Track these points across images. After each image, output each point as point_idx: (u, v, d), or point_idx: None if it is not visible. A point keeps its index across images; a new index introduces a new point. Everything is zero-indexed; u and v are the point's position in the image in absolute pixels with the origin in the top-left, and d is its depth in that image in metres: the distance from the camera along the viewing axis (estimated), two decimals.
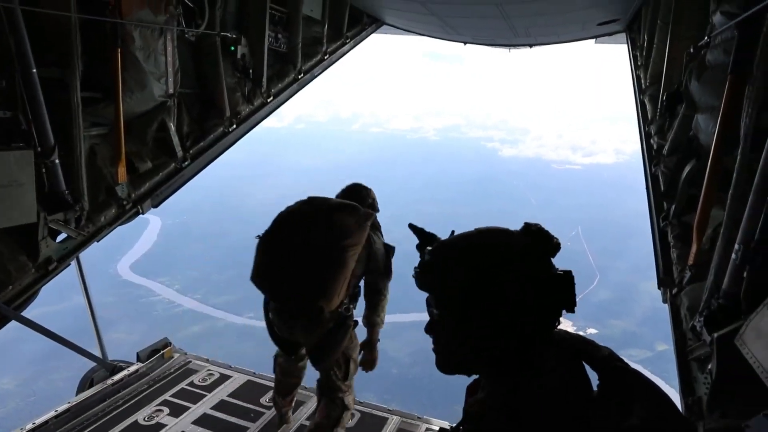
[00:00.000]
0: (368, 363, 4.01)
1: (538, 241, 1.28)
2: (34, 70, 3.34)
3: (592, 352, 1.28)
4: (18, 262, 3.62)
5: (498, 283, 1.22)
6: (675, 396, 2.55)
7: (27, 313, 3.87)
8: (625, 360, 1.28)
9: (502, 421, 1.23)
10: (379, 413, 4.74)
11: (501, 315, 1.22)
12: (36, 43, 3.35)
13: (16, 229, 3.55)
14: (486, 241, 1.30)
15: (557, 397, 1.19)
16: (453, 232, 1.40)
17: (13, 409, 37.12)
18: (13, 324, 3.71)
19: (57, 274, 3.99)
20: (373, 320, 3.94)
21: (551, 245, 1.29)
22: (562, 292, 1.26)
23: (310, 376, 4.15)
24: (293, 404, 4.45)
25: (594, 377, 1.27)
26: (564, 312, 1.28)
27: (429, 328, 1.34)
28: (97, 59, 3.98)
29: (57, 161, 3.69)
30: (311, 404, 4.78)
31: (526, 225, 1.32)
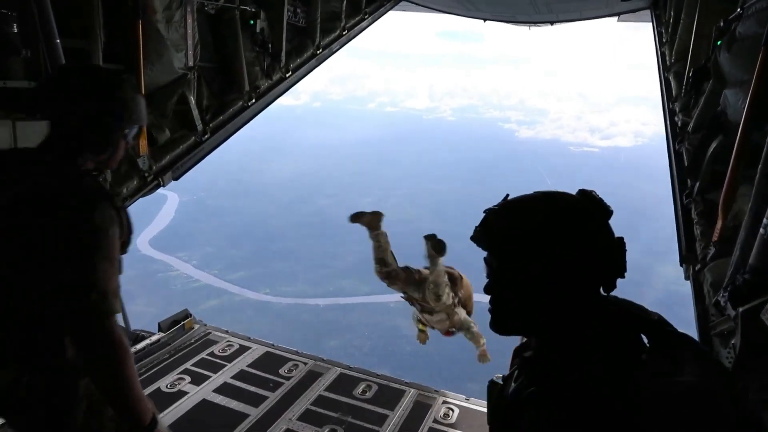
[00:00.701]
0: None
1: (594, 206, 1.30)
2: (58, 41, 3.36)
3: (643, 316, 1.30)
4: None
5: (560, 238, 1.25)
6: None
7: None
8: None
9: (555, 365, 1.25)
10: (397, 386, 4.81)
11: (561, 270, 1.25)
12: (59, 14, 3.37)
13: None
14: (549, 200, 1.33)
15: (609, 354, 1.20)
16: (507, 195, 1.40)
17: None
18: None
19: None
20: None
21: (607, 211, 1.31)
22: (618, 257, 1.28)
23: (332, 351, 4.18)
24: None
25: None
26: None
27: (487, 288, 1.37)
28: (119, 31, 4.00)
29: None
30: (330, 375, 4.87)
31: (582, 191, 1.34)
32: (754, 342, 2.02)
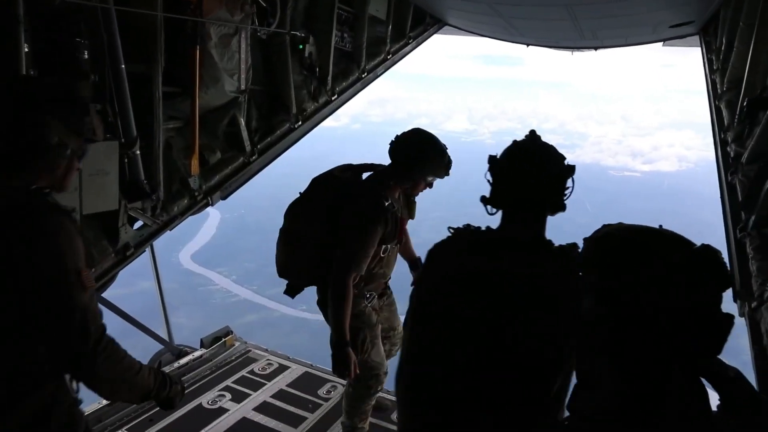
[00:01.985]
0: None
1: (707, 268, 1.17)
2: (123, 66, 3.55)
3: (718, 372, 1.21)
4: (101, 246, 3.86)
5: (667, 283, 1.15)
6: None
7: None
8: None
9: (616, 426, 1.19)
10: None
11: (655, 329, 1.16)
12: (125, 41, 3.57)
13: (100, 216, 3.79)
14: (666, 249, 1.22)
15: (678, 412, 1.15)
16: (661, 226, 1.33)
17: None
18: None
19: (133, 260, 4.22)
20: None
21: (724, 279, 1.18)
22: (716, 334, 1.16)
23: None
24: None
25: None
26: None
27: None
28: (177, 56, 4.18)
29: (138, 152, 3.92)
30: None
31: (704, 247, 1.21)
32: None
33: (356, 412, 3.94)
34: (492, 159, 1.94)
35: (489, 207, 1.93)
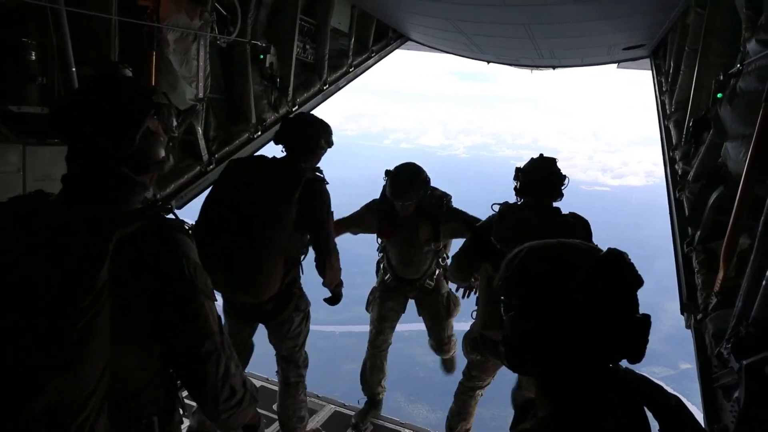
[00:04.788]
0: None
1: (616, 272, 1.18)
2: (74, 69, 3.43)
3: (659, 399, 1.21)
4: None
5: (575, 297, 1.15)
6: (700, 422, 2.52)
7: None
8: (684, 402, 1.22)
9: None
10: (391, 425, 4.72)
11: (572, 326, 1.15)
12: (77, 43, 3.45)
13: None
14: (568, 258, 1.22)
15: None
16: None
17: None
18: None
19: None
20: None
21: (634, 280, 1.18)
22: (633, 337, 1.17)
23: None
24: None
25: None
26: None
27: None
28: (133, 61, 4.07)
29: None
30: (324, 413, 4.79)
31: (610, 251, 1.23)
32: (757, 396, 2.01)
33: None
34: (518, 169, 3.74)
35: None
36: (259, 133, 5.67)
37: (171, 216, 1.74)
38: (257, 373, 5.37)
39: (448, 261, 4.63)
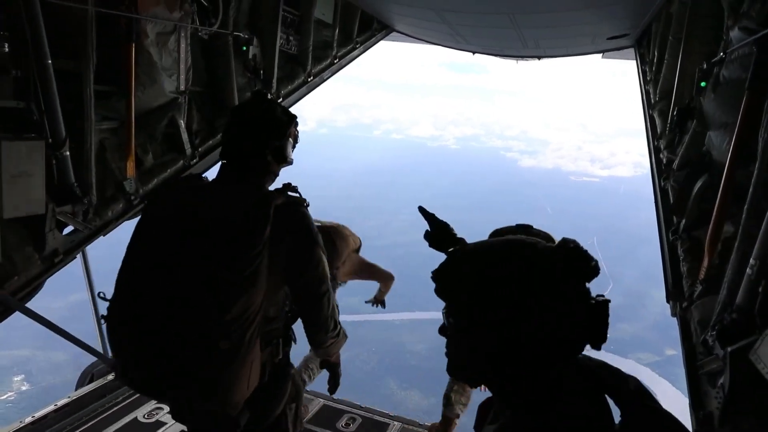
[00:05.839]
0: None
1: (571, 261, 1.15)
2: (49, 61, 3.33)
3: (618, 385, 1.18)
4: (24, 253, 3.60)
5: (510, 300, 1.12)
6: (685, 408, 2.54)
7: (32, 304, 3.85)
8: (636, 364, 1.20)
9: None
10: (381, 419, 4.71)
11: (511, 335, 1.13)
12: (52, 35, 3.35)
13: (24, 220, 3.54)
14: (508, 254, 1.19)
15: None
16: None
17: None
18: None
19: (62, 267, 3.97)
20: None
21: (588, 268, 1.15)
22: (592, 323, 1.14)
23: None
24: None
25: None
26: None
27: (441, 331, 1.29)
28: (111, 53, 3.98)
29: (67, 154, 3.68)
30: (313, 407, 4.77)
31: (563, 241, 1.20)
32: (742, 382, 2.02)
33: None
34: None
35: None
36: None
37: (296, 195, 2.46)
38: None
39: None
